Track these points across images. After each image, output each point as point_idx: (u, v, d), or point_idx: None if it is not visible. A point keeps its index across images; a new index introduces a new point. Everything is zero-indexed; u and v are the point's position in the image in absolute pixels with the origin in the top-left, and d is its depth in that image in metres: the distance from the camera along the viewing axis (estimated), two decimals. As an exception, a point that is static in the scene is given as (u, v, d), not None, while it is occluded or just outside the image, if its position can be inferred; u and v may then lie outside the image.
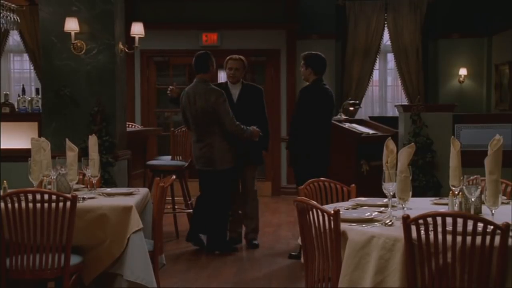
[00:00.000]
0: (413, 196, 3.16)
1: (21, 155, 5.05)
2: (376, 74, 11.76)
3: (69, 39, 6.13)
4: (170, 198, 6.65)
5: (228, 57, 6.36)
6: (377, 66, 11.66)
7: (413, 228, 2.73)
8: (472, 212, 3.15)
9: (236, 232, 6.45)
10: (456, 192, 3.19)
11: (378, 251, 2.85)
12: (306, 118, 5.89)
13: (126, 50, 6.53)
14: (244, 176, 6.33)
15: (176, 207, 6.91)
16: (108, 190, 4.40)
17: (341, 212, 3.06)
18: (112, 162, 6.17)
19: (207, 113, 5.98)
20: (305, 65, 5.97)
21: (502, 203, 3.12)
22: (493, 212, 2.90)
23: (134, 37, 6.54)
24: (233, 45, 10.51)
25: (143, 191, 4.40)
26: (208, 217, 6.12)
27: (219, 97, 5.98)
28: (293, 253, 5.90)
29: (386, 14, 11.36)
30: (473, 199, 3.09)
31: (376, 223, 3.08)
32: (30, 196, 3.63)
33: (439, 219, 2.67)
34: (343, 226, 3.06)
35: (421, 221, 2.73)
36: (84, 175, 4.51)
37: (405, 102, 11.22)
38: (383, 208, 3.46)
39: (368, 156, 7.33)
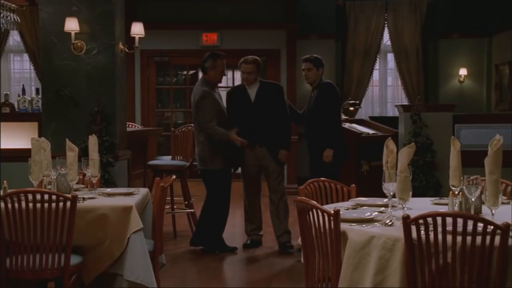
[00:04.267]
0: (413, 196, 3.16)
1: (21, 155, 5.05)
2: (376, 74, 11.77)
3: (69, 39, 6.14)
4: (170, 198, 6.64)
5: (241, 60, 6.20)
6: (377, 66, 11.67)
7: (413, 228, 2.73)
8: (472, 212, 3.15)
9: (256, 235, 6.36)
10: (456, 192, 3.19)
11: (378, 251, 2.85)
12: (333, 115, 6.11)
13: (126, 50, 6.54)
14: (266, 176, 6.27)
15: (175, 207, 6.91)
16: (108, 190, 4.40)
17: (341, 212, 3.05)
18: (112, 162, 6.18)
19: (194, 113, 6.02)
20: (315, 67, 6.09)
21: (502, 203, 3.12)
22: (493, 212, 2.90)
23: (134, 37, 6.54)
24: (233, 45, 10.52)
25: (143, 191, 4.40)
26: (204, 217, 6.12)
27: (201, 98, 5.95)
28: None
29: (386, 14, 11.37)
30: (473, 199, 3.09)
31: (376, 223, 3.08)
32: (30, 196, 3.63)
33: (439, 219, 2.67)
34: (343, 226, 3.06)
35: (421, 221, 2.73)
36: (84, 175, 4.51)
37: (405, 102, 11.23)
38: (383, 208, 3.46)
39: (368, 156, 7.34)
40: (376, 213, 3.28)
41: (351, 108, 9.69)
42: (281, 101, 6.20)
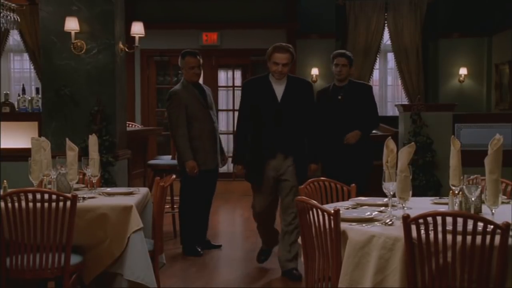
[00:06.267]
0: (413, 195, 3.16)
1: (21, 155, 5.05)
2: (376, 73, 11.77)
3: (69, 39, 6.13)
4: (169, 198, 6.64)
5: (272, 47, 5.01)
6: (377, 65, 11.67)
7: (413, 227, 2.73)
8: (472, 211, 3.15)
9: (261, 256, 5.53)
10: (456, 192, 3.19)
11: (378, 250, 2.85)
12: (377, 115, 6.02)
13: (126, 50, 6.53)
14: (280, 191, 5.20)
15: (175, 206, 6.90)
16: (108, 189, 4.40)
17: (341, 212, 3.05)
18: (112, 162, 6.17)
19: None
20: (349, 64, 5.85)
21: (502, 202, 3.12)
22: (493, 211, 2.90)
23: (134, 37, 6.54)
24: (233, 44, 10.54)
25: (143, 190, 4.40)
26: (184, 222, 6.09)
27: (167, 100, 5.96)
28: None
29: (386, 14, 11.38)
30: (473, 199, 3.08)
31: (376, 223, 3.08)
32: (30, 196, 3.63)
33: (439, 219, 2.67)
34: (343, 225, 3.06)
35: (421, 220, 2.73)
36: (84, 174, 4.51)
37: (405, 101, 11.24)
38: (383, 208, 3.46)
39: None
40: (376, 212, 3.27)
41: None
42: (311, 102, 5.22)
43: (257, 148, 5.14)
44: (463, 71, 11.33)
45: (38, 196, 3.62)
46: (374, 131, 8.12)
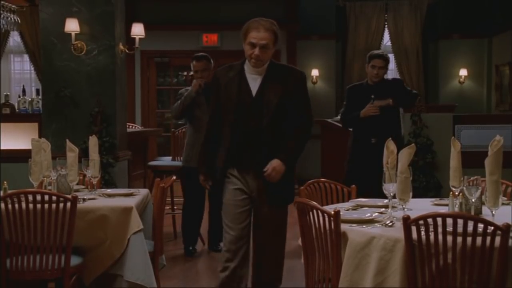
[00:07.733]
0: (413, 197, 3.16)
1: (22, 156, 5.04)
2: (376, 74, 11.75)
3: (69, 40, 6.13)
4: (170, 199, 6.64)
5: (248, 23, 3.82)
6: (377, 67, 11.66)
7: (414, 229, 2.73)
8: (472, 213, 3.15)
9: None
10: (457, 193, 3.19)
11: (378, 252, 2.85)
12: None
13: (127, 51, 6.53)
14: (258, 215, 3.90)
15: (175, 207, 6.90)
16: (109, 191, 4.40)
17: (341, 213, 3.05)
18: (113, 163, 6.17)
19: None
20: (386, 66, 5.76)
21: (503, 204, 3.12)
22: (493, 213, 2.90)
23: (134, 38, 6.55)
24: (234, 45, 10.51)
25: (143, 191, 4.40)
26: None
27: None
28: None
29: (386, 15, 11.38)
30: (473, 200, 3.08)
31: (376, 224, 3.08)
32: (30, 197, 3.63)
33: (439, 220, 2.67)
34: (344, 227, 3.06)
35: (421, 222, 2.73)
36: (84, 175, 4.51)
37: (405, 102, 11.22)
38: (383, 209, 3.46)
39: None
40: (376, 214, 3.27)
41: (351, 109, 9.66)
42: (301, 99, 3.80)
43: (222, 159, 3.83)
44: (463, 72, 11.33)
45: (38, 197, 3.62)
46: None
